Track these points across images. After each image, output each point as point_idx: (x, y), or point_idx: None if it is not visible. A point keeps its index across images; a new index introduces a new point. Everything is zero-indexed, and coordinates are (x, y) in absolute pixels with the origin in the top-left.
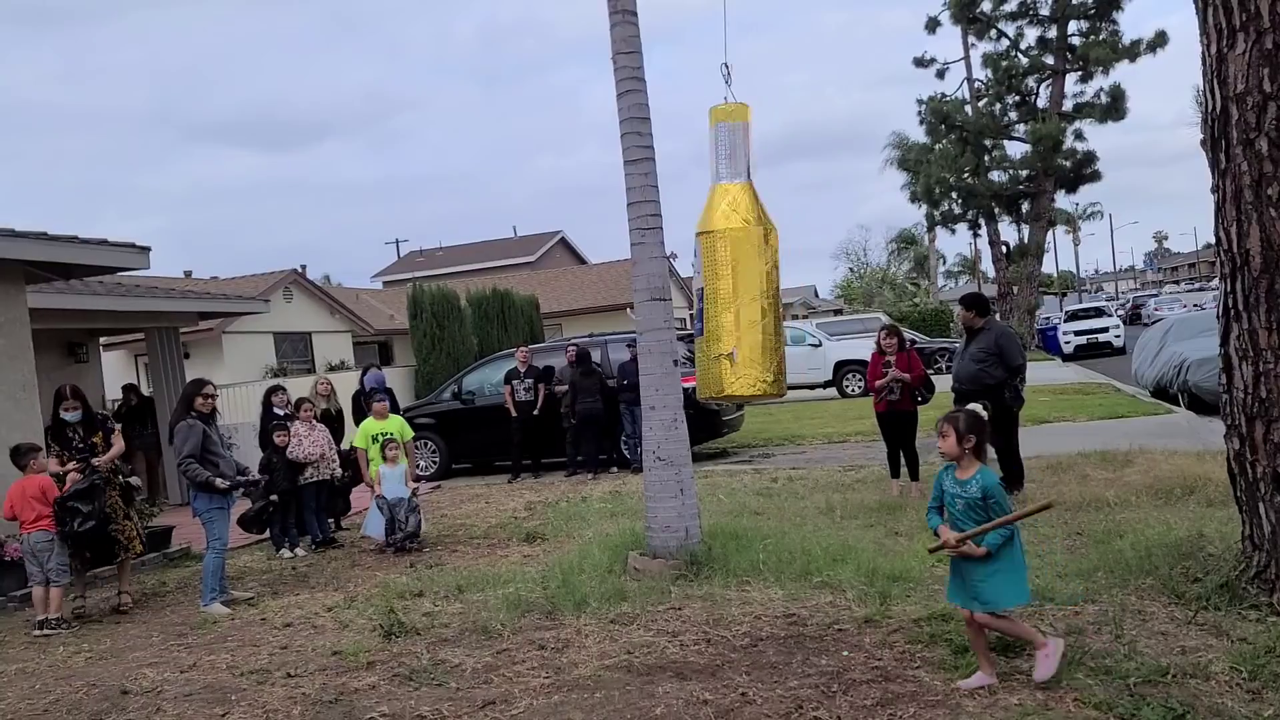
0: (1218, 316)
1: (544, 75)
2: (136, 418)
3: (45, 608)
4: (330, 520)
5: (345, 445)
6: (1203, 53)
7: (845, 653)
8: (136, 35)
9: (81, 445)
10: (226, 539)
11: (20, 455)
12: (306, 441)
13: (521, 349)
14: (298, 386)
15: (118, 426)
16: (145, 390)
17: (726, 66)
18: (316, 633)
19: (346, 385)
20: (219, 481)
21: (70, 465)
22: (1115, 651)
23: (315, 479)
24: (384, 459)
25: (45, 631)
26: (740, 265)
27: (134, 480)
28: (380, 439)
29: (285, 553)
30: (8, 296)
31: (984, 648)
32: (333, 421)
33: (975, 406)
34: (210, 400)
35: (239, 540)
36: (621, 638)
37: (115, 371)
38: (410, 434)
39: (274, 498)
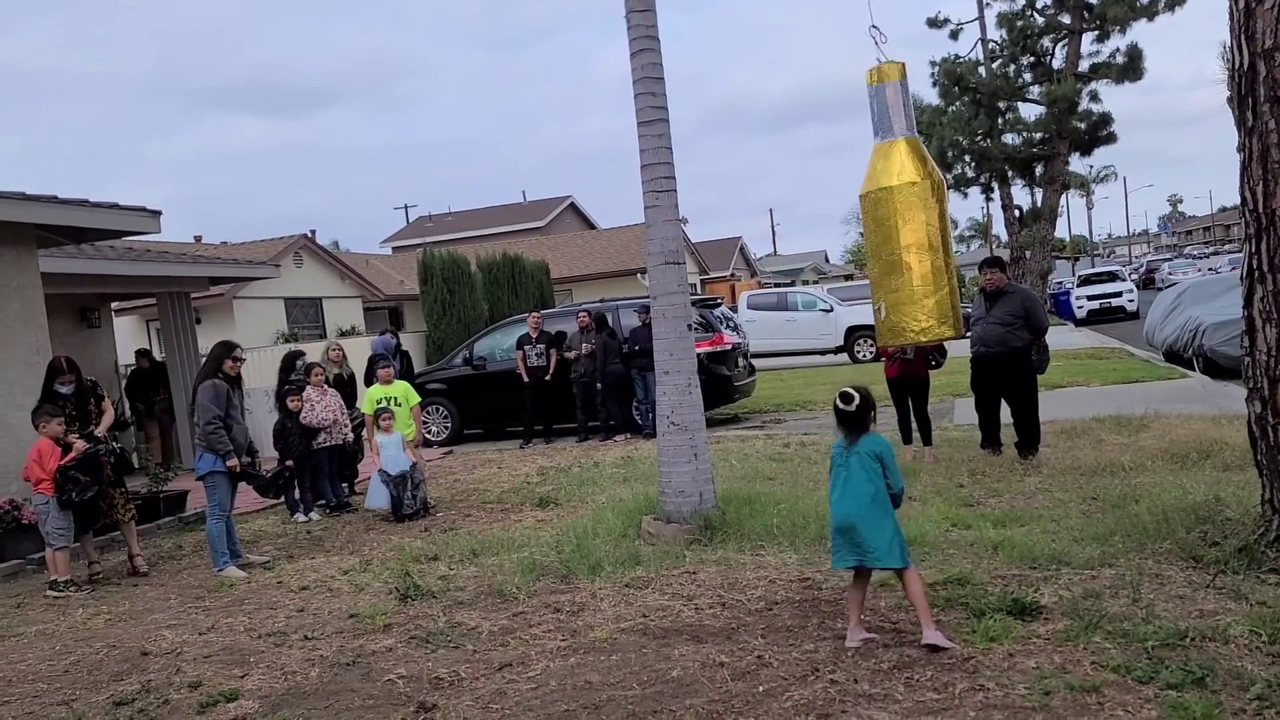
0: (1241, 278)
1: (552, 39)
2: (149, 383)
3: (55, 569)
4: (344, 485)
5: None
6: (1230, 7)
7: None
8: (139, 0)
9: (74, 413)
10: (227, 504)
11: (35, 416)
12: (319, 406)
13: (534, 314)
14: (311, 352)
15: (106, 394)
16: (158, 355)
17: (876, 29)
18: (332, 596)
19: (357, 350)
20: (232, 462)
21: (74, 435)
22: (1133, 615)
23: (329, 444)
24: (379, 428)
25: (52, 593)
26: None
27: (119, 446)
28: (381, 404)
29: (300, 517)
30: (19, 260)
31: None
32: (344, 386)
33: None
34: (238, 364)
35: (254, 505)
36: (637, 601)
37: (127, 336)
38: (415, 399)
39: (289, 462)
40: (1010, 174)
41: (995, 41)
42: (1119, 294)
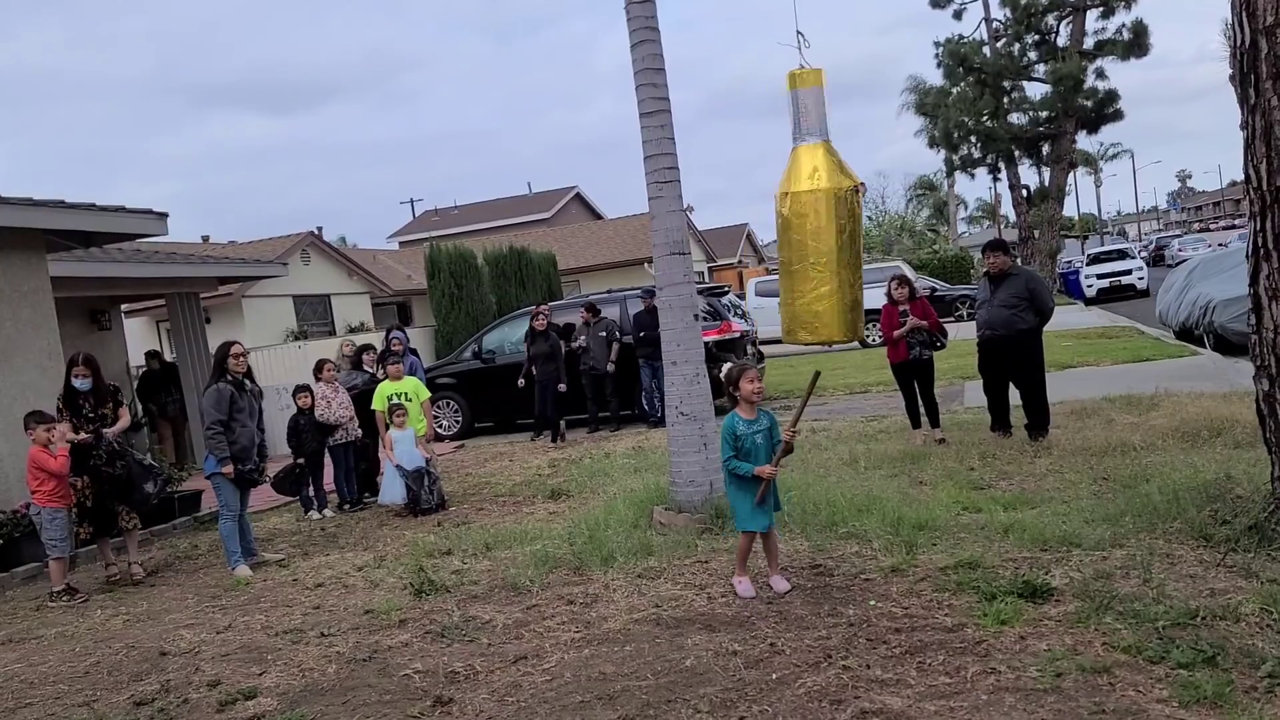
0: (1246, 256)
1: (554, 28)
2: (160, 384)
3: (52, 579)
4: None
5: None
6: None
7: (872, 602)
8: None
9: (92, 415)
10: (235, 504)
11: (26, 421)
12: (334, 404)
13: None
14: (322, 349)
15: (125, 399)
16: (169, 356)
17: (801, 35)
18: (348, 592)
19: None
20: (227, 469)
21: (83, 435)
22: (1144, 595)
23: (343, 441)
24: (393, 424)
25: (51, 604)
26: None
27: (137, 455)
28: (393, 400)
29: (314, 514)
30: (29, 265)
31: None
32: (363, 400)
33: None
34: (241, 360)
35: (269, 502)
36: (649, 591)
37: (138, 338)
38: (426, 394)
39: (300, 460)
40: (1017, 154)
41: (999, 20)
42: (1128, 272)
